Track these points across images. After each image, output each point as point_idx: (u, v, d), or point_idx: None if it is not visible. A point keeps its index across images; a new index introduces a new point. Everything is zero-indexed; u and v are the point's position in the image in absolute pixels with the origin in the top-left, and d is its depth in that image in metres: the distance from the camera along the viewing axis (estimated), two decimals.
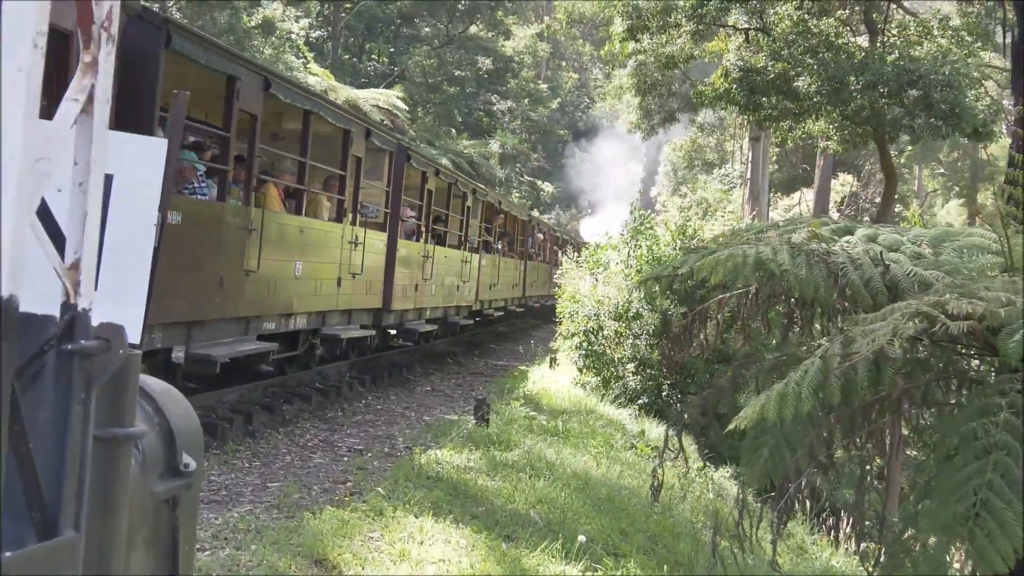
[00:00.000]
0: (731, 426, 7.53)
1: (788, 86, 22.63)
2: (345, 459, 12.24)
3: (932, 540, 6.84)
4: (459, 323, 26.48)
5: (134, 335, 4.94)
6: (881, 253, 8.10)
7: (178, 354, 12.02)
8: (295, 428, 13.81)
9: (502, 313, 33.99)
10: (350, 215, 17.01)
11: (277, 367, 15.46)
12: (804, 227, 8.75)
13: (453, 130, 60.34)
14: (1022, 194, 8.58)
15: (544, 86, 78.14)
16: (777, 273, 7.78)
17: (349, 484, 10.66)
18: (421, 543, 8.38)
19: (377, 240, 18.60)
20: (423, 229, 21.87)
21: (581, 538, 9.20)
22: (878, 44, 24.54)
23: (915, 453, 10.29)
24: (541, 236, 41.73)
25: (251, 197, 13.37)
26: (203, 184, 12.60)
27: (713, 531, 8.40)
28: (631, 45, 26.93)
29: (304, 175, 15.12)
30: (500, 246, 32.30)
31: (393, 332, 21.77)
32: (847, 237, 8.83)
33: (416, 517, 9.00)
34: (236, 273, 12.85)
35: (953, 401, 8.22)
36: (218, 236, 12.46)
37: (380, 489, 9.84)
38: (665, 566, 9.92)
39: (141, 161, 3.97)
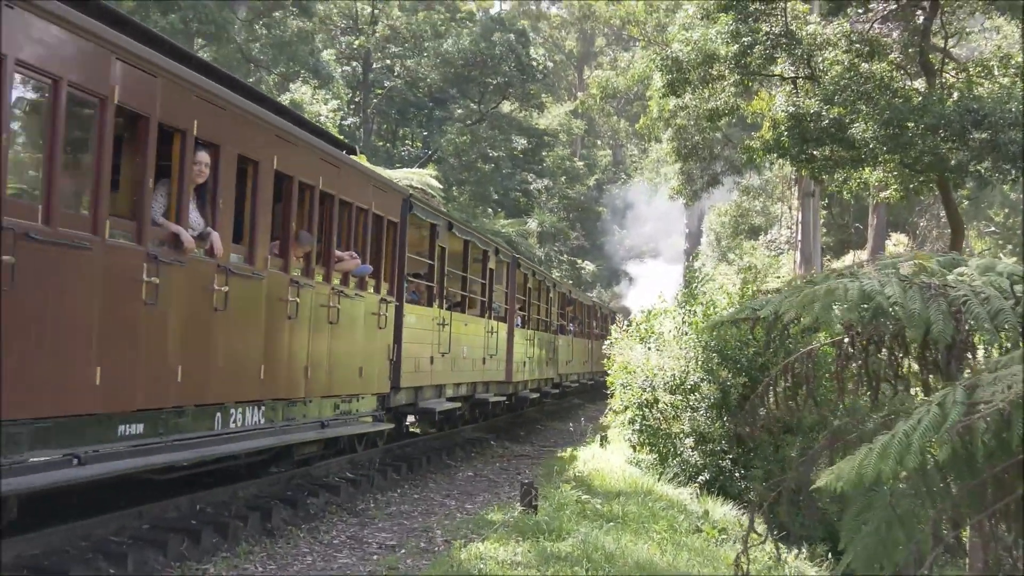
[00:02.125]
0: (820, 483, 6.08)
1: (842, 133, 21.17)
2: (375, 557, 10.87)
3: None
4: (550, 392, 34.19)
5: None
6: (1011, 285, 6.61)
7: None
8: (320, 524, 12.42)
9: (577, 385, 40.37)
10: (488, 312, 23.60)
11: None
12: (907, 261, 7.25)
13: (490, 209, 59.37)
14: None
15: (580, 163, 77.38)
16: (886, 307, 6.30)
17: None
18: None
19: (502, 329, 25.00)
20: (526, 318, 29.02)
21: None
22: (936, 86, 23.05)
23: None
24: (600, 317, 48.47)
25: (443, 302, 19.76)
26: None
27: None
28: (672, 101, 25.63)
29: (466, 285, 22.06)
30: (572, 328, 39.07)
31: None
32: (959, 269, 7.31)
33: None
34: (437, 354, 18.88)
35: None
36: (431, 328, 18.63)
37: None
38: None
39: None
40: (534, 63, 58.32)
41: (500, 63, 55.27)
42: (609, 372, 21.19)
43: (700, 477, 18.06)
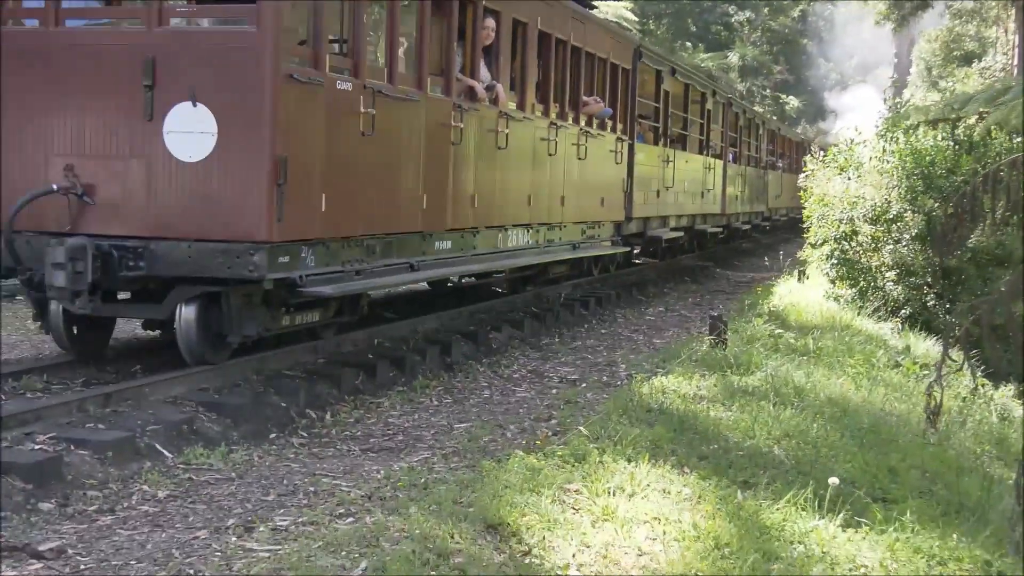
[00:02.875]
0: None
1: None
2: (554, 392, 10.61)
3: None
4: (760, 225, 37.54)
5: None
6: None
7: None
8: (501, 358, 12.24)
9: (786, 219, 42.63)
10: (706, 149, 25.89)
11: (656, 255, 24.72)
12: None
13: (688, 43, 57.83)
14: None
15: None
16: None
17: (553, 422, 8.88)
18: (631, 495, 6.58)
19: (717, 165, 27.33)
20: (738, 155, 31.05)
21: (832, 480, 7.04)
22: None
23: None
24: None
25: (667, 141, 22.03)
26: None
27: (1019, 470, 6.23)
28: None
29: (687, 125, 24.32)
30: (781, 164, 40.92)
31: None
32: None
33: (629, 461, 7.14)
34: (662, 188, 21.39)
35: None
36: (657, 165, 21.05)
37: (583, 428, 8.00)
38: (949, 513, 7.72)
39: None
40: None
41: None
42: (805, 206, 20.38)
43: (902, 312, 17.30)
